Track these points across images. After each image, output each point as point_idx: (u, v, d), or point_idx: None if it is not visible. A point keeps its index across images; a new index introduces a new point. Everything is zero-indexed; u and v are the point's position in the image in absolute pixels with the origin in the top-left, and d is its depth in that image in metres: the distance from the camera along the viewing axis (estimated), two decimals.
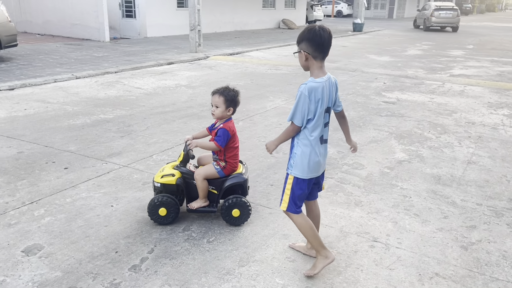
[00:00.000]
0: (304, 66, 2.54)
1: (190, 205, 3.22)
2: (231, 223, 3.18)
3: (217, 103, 3.07)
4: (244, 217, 3.18)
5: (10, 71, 8.70)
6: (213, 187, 3.21)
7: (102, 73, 9.25)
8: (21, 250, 2.78)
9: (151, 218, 3.15)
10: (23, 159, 4.33)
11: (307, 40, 2.44)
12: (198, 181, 3.14)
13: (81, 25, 14.59)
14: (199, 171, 3.16)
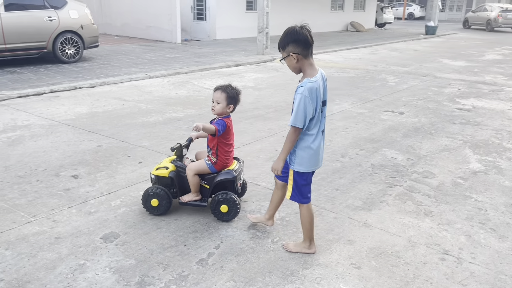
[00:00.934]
0: (296, 68, 2.58)
1: (181, 198, 3.31)
2: (219, 218, 3.23)
3: (218, 99, 3.13)
4: (232, 213, 3.21)
5: (91, 70, 9.35)
6: (205, 182, 3.27)
7: (173, 73, 9.65)
8: (100, 237, 2.99)
9: (144, 207, 3.27)
10: (102, 152, 4.64)
11: (293, 41, 2.49)
12: (189, 176, 3.23)
13: (155, 27, 15.33)
14: (190, 166, 3.24)
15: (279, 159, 2.67)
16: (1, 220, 3.16)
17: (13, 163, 4.26)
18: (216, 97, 3.15)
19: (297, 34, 2.49)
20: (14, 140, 4.96)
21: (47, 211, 3.31)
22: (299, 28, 2.50)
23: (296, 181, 2.72)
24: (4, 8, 8.72)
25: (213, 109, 3.17)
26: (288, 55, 2.54)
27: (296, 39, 2.49)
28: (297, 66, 2.56)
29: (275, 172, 2.71)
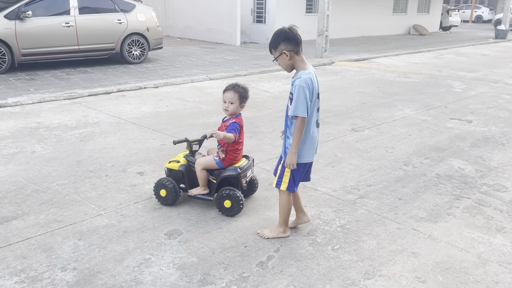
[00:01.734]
0: (288, 66, 2.73)
1: (190, 191, 3.46)
2: (223, 213, 3.32)
3: (231, 100, 3.20)
4: (235, 209, 3.29)
5: (155, 71, 9.72)
6: (213, 177, 3.39)
7: (232, 75, 9.80)
8: (164, 233, 3.09)
9: (157, 199, 3.47)
10: (166, 151, 4.80)
11: (284, 40, 2.66)
12: (197, 170, 3.37)
13: (216, 29, 15.66)
14: (199, 161, 3.38)
15: (291, 153, 2.75)
16: (74, 212, 3.36)
17: (85, 158, 4.52)
18: (228, 98, 3.22)
19: (287, 33, 2.67)
20: (86, 136, 5.26)
21: (115, 205, 3.48)
22: (288, 28, 2.69)
23: (294, 174, 2.86)
24: (79, 11, 9.30)
25: (227, 109, 3.24)
26: (281, 54, 2.69)
27: (287, 37, 2.66)
28: (290, 63, 2.72)
29: (291, 167, 2.79)
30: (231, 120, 3.27)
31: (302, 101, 2.62)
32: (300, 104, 2.63)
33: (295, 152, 2.74)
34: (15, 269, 2.64)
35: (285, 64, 2.72)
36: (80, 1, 9.35)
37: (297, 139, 2.72)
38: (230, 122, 3.26)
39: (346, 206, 3.59)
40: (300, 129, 2.69)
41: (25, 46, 8.62)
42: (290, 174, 2.85)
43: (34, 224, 3.15)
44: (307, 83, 2.63)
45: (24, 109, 6.46)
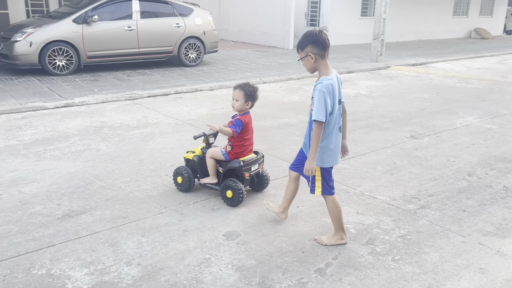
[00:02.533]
0: (312, 68, 2.78)
1: (201, 180, 3.74)
2: (226, 203, 3.56)
3: (237, 97, 3.44)
4: (236, 200, 3.50)
5: (210, 74, 9.93)
6: (221, 168, 3.64)
7: (286, 79, 9.82)
8: (223, 234, 3.15)
9: (174, 183, 3.81)
10: None
11: (312, 43, 2.70)
12: (206, 158, 3.65)
13: (269, 33, 15.76)
14: (209, 150, 3.68)
15: (310, 158, 2.75)
16: (137, 209, 3.50)
17: (146, 157, 4.70)
18: (235, 95, 3.46)
19: (316, 36, 2.71)
20: (146, 136, 5.47)
21: (175, 204, 3.59)
22: (318, 31, 2.73)
23: (324, 176, 2.90)
24: (140, 16, 9.69)
25: (233, 106, 3.48)
26: (306, 55, 2.73)
27: (315, 40, 2.70)
28: (314, 66, 2.76)
29: (310, 173, 2.79)
30: (237, 117, 3.51)
31: (322, 106, 2.67)
32: (320, 109, 2.67)
33: (314, 157, 2.75)
34: (84, 261, 2.79)
35: (310, 66, 2.78)
36: (142, 5, 9.75)
37: (315, 144, 2.73)
38: (235, 118, 3.50)
39: (406, 216, 3.49)
40: (318, 134, 2.72)
41: (90, 49, 9.10)
42: (321, 178, 2.89)
43: (101, 219, 3.32)
44: (328, 89, 2.67)
45: (89, 109, 6.82)
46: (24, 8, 10.52)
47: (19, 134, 5.40)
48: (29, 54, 8.53)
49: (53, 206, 3.52)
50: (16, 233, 3.09)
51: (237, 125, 3.44)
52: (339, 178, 4.18)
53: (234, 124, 3.44)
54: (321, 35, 2.71)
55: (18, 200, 3.62)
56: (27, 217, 3.33)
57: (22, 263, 2.75)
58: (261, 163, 3.73)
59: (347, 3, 16.43)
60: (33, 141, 5.14)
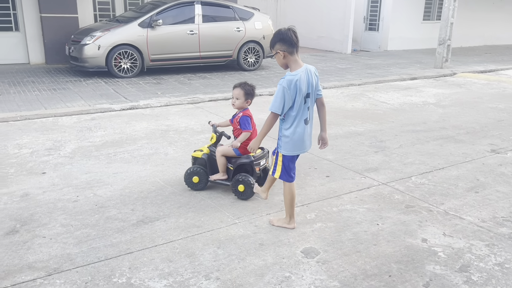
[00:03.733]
0: (283, 64, 2.99)
1: (211, 177, 3.84)
2: (238, 197, 3.69)
3: (237, 96, 3.64)
4: (248, 193, 3.64)
5: (269, 78, 9.84)
6: (231, 164, 3.77)
7: (346, 84, 9.54)
8: (301, 251, 3.00)
9: (186, 184, 3.85)
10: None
11: (280, 40, 2.89)
12: (217, 157, 3.77)
13: (327, 37, 15.47)
14: (219, 149, 3.79)
15: (256, 139, 3.10)
16: (210, 218, 3.43)
17: None
18: (235, 94, 3.65)
19: (283, 34, 2.90)
20: None
21: (248, 215, 3.48)
22: (287, 29, 2.91)
23: (284, 164, 3.13)
24: (202, 20, 9.78)
25: (234, 104, 3.68)
26: (276, 52, 2.94)
27: (283, 38, 2.89)
28: (284, 62, 2.96)
29: (252, 151, 3.17)
30: (240, 114, 3.67)
31: (279, 100, 2.91)
32: (276, 102, 2.93)
33: (260, 139, 3.08)
34: (163, 271, 2.73)
35: (280, 62, 2.99)
36: (204, 9, 9.84)
37: (264, 130, 3.03)
38: (240, 117, 3.67)
39: (501, 241, 3.17)
40: (269, 122, 3.00)
41: (154, 52, 9.30)
42: (281, 164, 3.13)
43: (175, 227, 3.27)
44: (289, 84, 2.88)
45: (153, 112, 6.91)
46: (92, 12, 10.95)
47: (90, 136, 5.53)
48: (97, 57, 8.83)
49: (128, 211, 3.53)
50: (95, 237, 3.11)
51: (247, 124, 3.65)
52: (419, 195, 3.91)
53: (243, 124, 3.64)
54: (289, 33, 2.89)
55: (94, 203, 3.66)
56: (103, 221, 3.35)
57: (102, 269, 2.74)
58: (267, 158, 3.90)
59: (409, 7, 15.81)
60: (103, 143, 5.25)
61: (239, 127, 3.68)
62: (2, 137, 5.34)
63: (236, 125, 3.73)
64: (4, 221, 3.31)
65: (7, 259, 2.81)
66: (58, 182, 4.08)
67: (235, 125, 3.76)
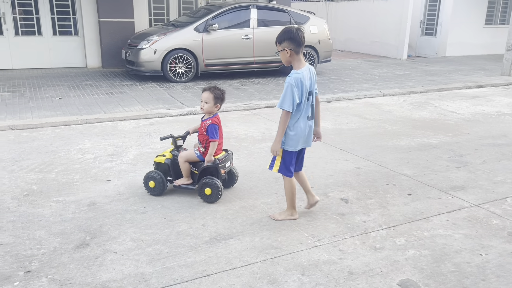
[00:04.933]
0: (287, 61, 3.11)
1: (175, 182, 3.79)
2: (204, 200, 3.66)
3: (206, 99, 3.59)
4: (214, 196, 3.62)
5: (324, 84, 9.48)
6: (195, 168, 3.74)
7: (407, 92, 9.03)
8: (397, 283, 2.64)
9: (145, 188, 3.80)
10: (363, 176, 4.38)
11: (289, 39, 3.01)
12: (180, 163, 3.73)
13: (380, 42, 14.90)
14: (181, 154, 3.75)
15: (276, 141, 3.16)
16: (288, 238, 3.13)
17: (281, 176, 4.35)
18: (204, 98, 3.60)
19: (293, 33, 3.02)
20: None
21: (329, 237, 3.16)
22: (296, 29, 3.04)
23: (284, 158, 3.23)
24: (257, 24, 9.58)
25: (202, 108, 3.63)
26: (283, 49, 3.06)
27: (292, 37, 3.02)
28: (289, 59, 3.10)
29: (275, 154, 3.19)
30: (208, 121, 3.62)
31: (288, 97, 3.02)
32: (286, 99, 3.02)
33: (279, 140, 3.14)
34: None
35: (285, 59, 3.11)
36: (260, 13, 9.63)
37: (281, 129, 3.11)
38: (208, 124, 3.61)
39: None
40: (284, 121, 3.09)
41: (208, 57, 9.18)
42: (281, 159, 3.22)
43: (251, 247, 3.00)
44: (296, 82, 3.01)
45: None
46: (147, 16, 11.01)
47: (150, 142, 5.40)
48: (153, 61, 8.80)
49: (198, 226, 3.30)
50: (167, 255, 2.89)
51: (214, 133, 3.60)
52: None
53: (211, 133, 3.60)
54: (298, 33, 3.04)
55: (162, 215, 3.46)
56: (174, 236, 3.13)
57: None
58: (231, 160, 3.87)
59: (470, 11, 14.96)
60: (163, 150, 5.09)
61: (206, 133, 3.65)
62: (65, 141, 5.31)
63: (203, 131, 3.68)
64: (74, 233, 3.16)
65: (79, 277, 2.63)
66: (124, 191, 3.92)
67: (201, 130, 3.71)
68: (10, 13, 9.54)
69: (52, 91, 7.90)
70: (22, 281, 2.57)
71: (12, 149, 4.96)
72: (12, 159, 4.66)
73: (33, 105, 6.90)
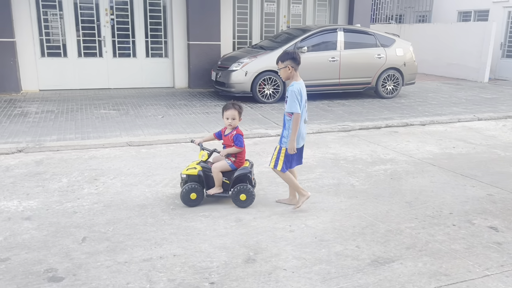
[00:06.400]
0: (287, 77, 3.79)
1: (208, 192, 4.02)
2: (238, 205, 3.98)
3: (233, 116, 3.95)
4: (249, 201, 3.97)
5: (411, 107, 9.32)
6: (226, 178, 4.02)
7: (503, 116, 8.68)
8: None
9: (184, 203, 3.97)
10: (500, 203, 4.24)
11: (291, 59, 3.73)
12: (214, 173, 3.97)
13: (458, 64, 14.50)
14: (216, 165, 3.99)
15: (291, 140, 3.76)
16: (452, 266, 3.07)
17: (412, 200, 4.30)
18: (231, 114, 3.94)
19: (294, 54, 3.75)
20: (391, 173, 5.11)
21: (497, 267, 3.06)
22: (294, 51, 3.84)
23: (288, 156, 3.85)
24: (344, 46, 9.65)
25: (231, 124, 3.96)
26: (286, 66, 3.73)
27: (294, 58, 3.73)
28: (289, 75, 3.76)
29: (293, 152, 3.80)
30: (234, 132, 3.98)
31: (294, 102, 3.67)
32: (294, 104, 3.68)
33: (294, 139, 3.75)
34: None
35: (286, 75, 3.77)
36: (347, 36, 9.71)
37: (294, 130, 3.73)
38: (234, 135, 3.97)
39: None
40: (297, 122, 3.71)
41: None
42: (284, 157, 3.83)
43: (418, 273, 2.97)
44: (298, 90, 3.71)
45: (310, 138, 6.77)
46: (231, 40, 11.40)
47: (262, 161, 5.50)
48: (244, 82, 9.07)
49: (353, 247, 3.31)
50: (337, 275, 2.91)
51: (241, 141, 3.96)
52: None
53: (239, 142, 3.95)
54: (297, 54, 3.78)
55: (311, 235, 3.51)
56: (335, 257, 3.16)
57: None
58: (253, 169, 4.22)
59: None
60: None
61: (233, 144, 3.97)
62: (183, 158, 5.52)
63: (230, 142, 3.99)
64: (235, 247, 3.27)
65: None
66: (261, 208, 4.02)
67: (228, 142, 4.01)
68: (110, 37, 10.23)
69: (153, 110, 8.31)
70: None
71: (139, 165, 5.24)
72: (143, 174, 4.92)
73: (140, 123, 7.28)
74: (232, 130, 4.01)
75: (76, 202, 4.05)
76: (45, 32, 9.79)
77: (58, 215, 3.76)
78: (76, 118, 7.44)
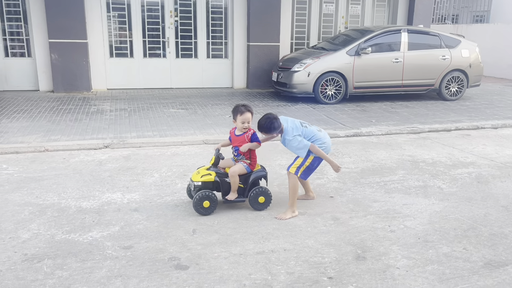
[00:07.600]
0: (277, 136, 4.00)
1: (227, 197, 3.88)
2: (256, 208, 3.90)
3: (249, 119, 3.89)
4: (267, 203, 3.92)
5: (478, 110, 9.05)
6: (240, 182, 3.87)
7: None
8: None
9: (196, 211, 3.76)
10: None
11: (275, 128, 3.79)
12: (233, 177, 3.82)
13: None
14: (234, 169, 3.84)
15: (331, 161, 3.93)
16: None
17: (507, 204, 4.21)
18: (247, 118, 3.87)
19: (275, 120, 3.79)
20: (477, 177, 5.01)
21: None
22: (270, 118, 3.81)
23: (314, 164, 3.89)
24: (408, 47, 9.50)
25: (247, 127, 3.88)
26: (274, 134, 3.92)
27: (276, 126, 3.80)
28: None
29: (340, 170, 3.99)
30: (250, 131, 3.92)
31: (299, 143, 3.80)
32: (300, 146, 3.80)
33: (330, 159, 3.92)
34: None
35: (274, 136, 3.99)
36: (410, 37, 9.56)
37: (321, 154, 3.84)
38: (251, 134, 3.91)
39: None
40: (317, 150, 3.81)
41: (358, 80, 9.27)
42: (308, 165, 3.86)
43: None
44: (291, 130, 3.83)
45: (380, 140, 6.75)
46: (289, 40, 11.48)
47: (345, 161, 5.53)
48: (306, 83, 9.11)
49: (460, 249, 3.29)
50: (453, 276, 2.91)
51: (258, 138, 3.92)
52: None
53: (258, 138, 3.92)
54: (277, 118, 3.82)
55: (414, 235, 3.51)
56: (444, 258, 3.15)
57: None
58: None
59: None
60: (361, 170, 5.19)
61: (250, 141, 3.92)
62: (262, 157, 5.64)
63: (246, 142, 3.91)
64: (341, 245, 3.33)
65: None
66: (354, 208, 4.06)
67: (243, 142, 3.91)
68: (173, 38, 10.54)
69: (219, 110, 8.50)
70: (334, 287, 2.75)
71: None
72: None
73: (211, 122, 7.47)
74: (246, 130, 3.92)
75: (175, 196, 4.23)
76: (114, 33, 10.22)
77: (162, 207, 3.95)
78: (148, 116, 7.73)
